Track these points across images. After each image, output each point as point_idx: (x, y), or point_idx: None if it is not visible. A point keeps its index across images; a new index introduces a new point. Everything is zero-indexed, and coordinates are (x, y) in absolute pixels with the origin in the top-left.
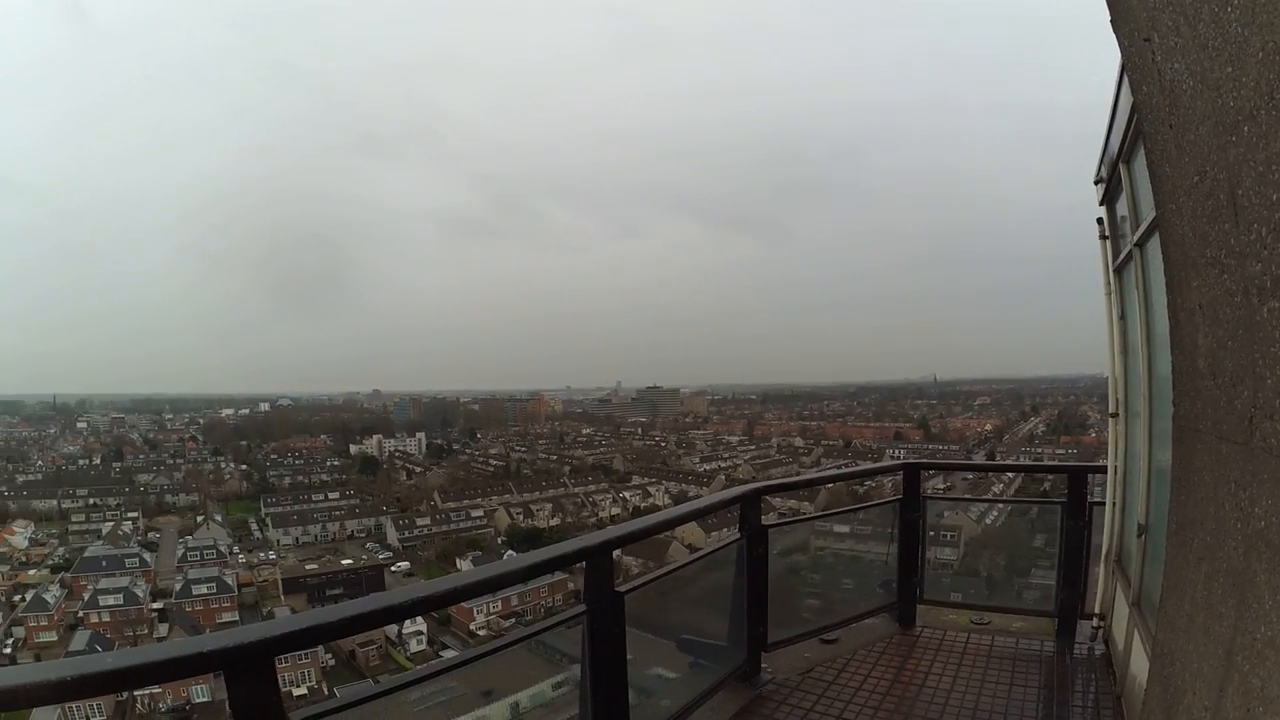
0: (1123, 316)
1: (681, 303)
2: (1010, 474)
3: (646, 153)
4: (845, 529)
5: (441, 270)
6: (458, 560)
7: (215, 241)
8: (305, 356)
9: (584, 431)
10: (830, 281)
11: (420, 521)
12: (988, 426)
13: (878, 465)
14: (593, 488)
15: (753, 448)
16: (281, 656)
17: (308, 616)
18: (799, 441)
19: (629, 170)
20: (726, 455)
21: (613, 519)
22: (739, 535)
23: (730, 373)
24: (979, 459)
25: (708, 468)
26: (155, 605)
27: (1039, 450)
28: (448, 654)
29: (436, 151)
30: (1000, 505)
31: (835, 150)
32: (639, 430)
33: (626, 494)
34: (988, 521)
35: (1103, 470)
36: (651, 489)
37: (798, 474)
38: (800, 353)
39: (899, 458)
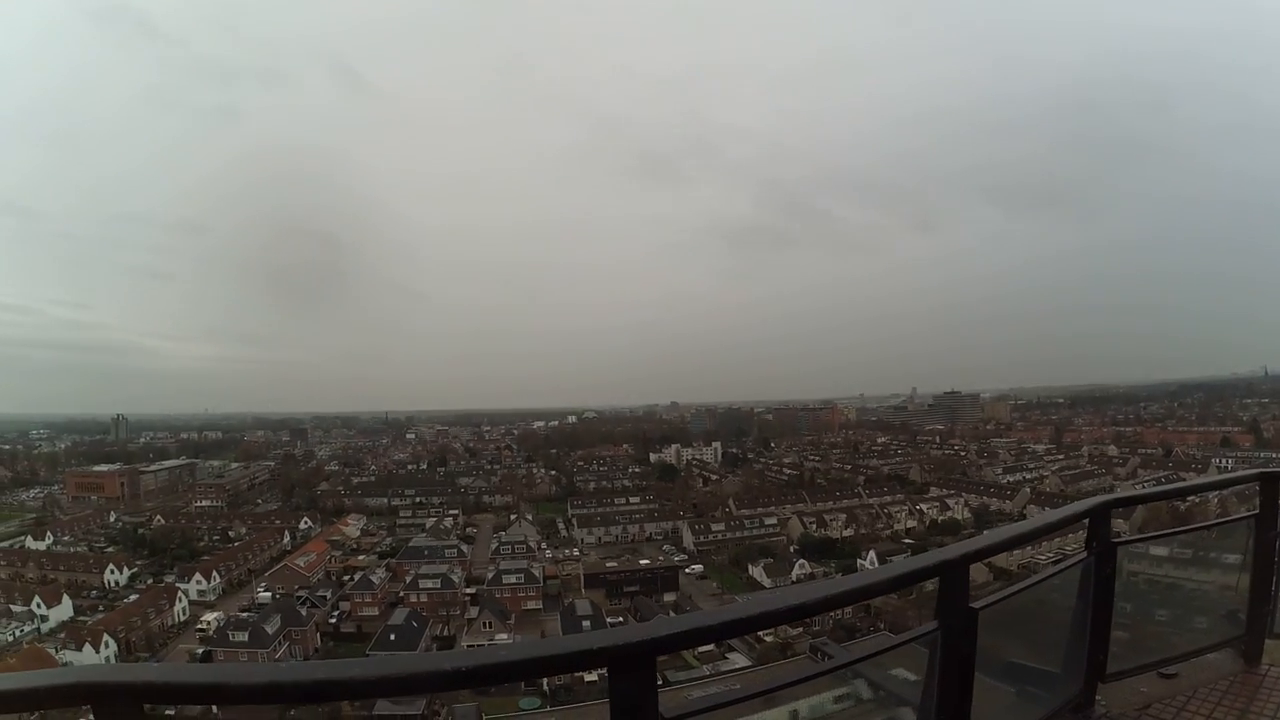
0: None
1: (981, 299)
2: None
3: (936, 138)
4: (1163, 551)
5: (733, 282)
6: (749, 566)
7: (524, 273)
8: (606, 373)
9: (879, 440)
10: (1144, 264)
11: (715, 527)
12: None
13: (1231, 475)
14: (888, 499)
15: (1061, 457)
16: None
17: (688, 619)
18: (1113, 450)
19: (920, 158)
20: (1032, 466)
21: (908, 532)
22: (1085, 553)
23: (1035, 374)
24: None
25: (1011, 479)
26: (468, 590)
27: None
28: (734, 656)
29: (717, 164)
30: None
31: (1144, 116)
32: (936, 439)
33: (923, 506)
34: None
35: None
36: (950, 501)
37: (1112, 487)
38: (1112, 348)
39: (1227, 467)
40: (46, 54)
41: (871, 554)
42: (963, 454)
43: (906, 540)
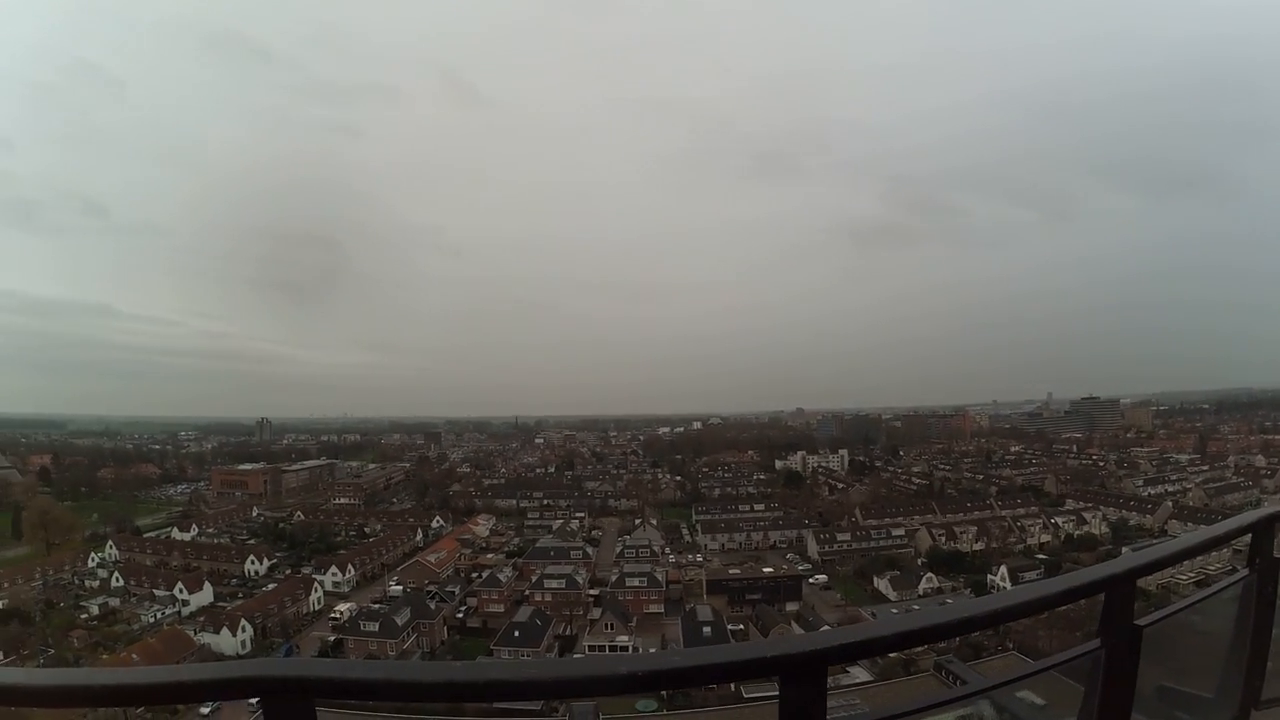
0: None
1: (1119, 293)
2: None
3: (1063, 118)
4: None
5: (858, 283)
6: (875, 579)
7: (644, 279)
8: (731, 379)
9: (1012, 449)
10: None
11: (840, 536)
12: None
13: None
14: (1021, 511)
15: (1205, 468)
16: None
17: (860, 629)
18: (1260, 460)
19: (1048, 141)
20: (1174, 477)
21: (1042, 547)
22: (1245, 570)
23: (1179, 378)
24: None
25: (1152, 491)
26: (592, 591)
27: None
28: (855, 670)
29: (836, 161)
30: None
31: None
32: (1073, 447)
33: (1059, 520)
34: None
35: None
36: (1087, 515)
37: (1259, 501)
38: (1261, 349)
39: None
40: (171, 83)
41: (1002, 569)
42: (1101, 464)
43: (1040, 555)
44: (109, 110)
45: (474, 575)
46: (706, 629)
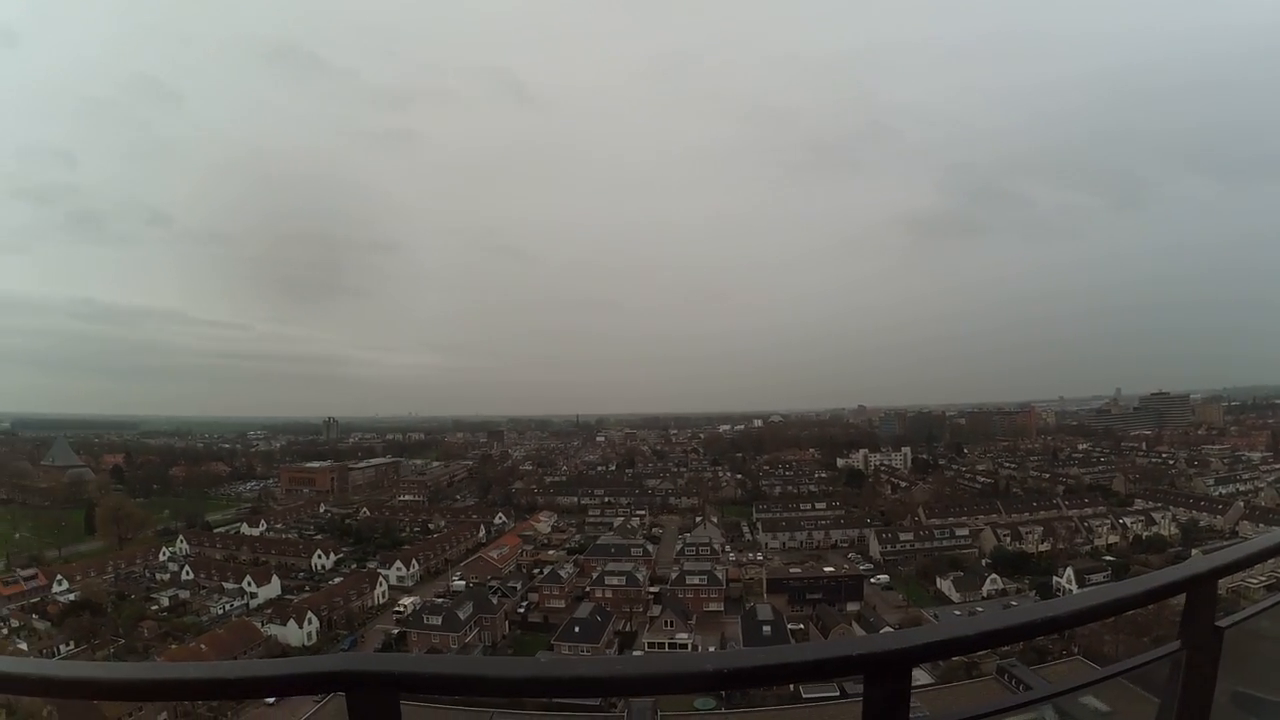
0: None
1: (1193, 283)
2: None
3: (1135, 98)
4: None
5: (919, 276)
6: (938, 579)
7: (702, 278)
8: (791, 377)
9: (1079, 447)
10: None
11: (903, 536)
12: None
13: None
14: (1088, 511)
15: (1278, 466)
16: None
17: (945, 628)
18: None
19: (1118, 123)
20: (1247, 476)
21: (1109, 549)
22: None
23: (1253, 372)
24: None
25: (1223, 491)
26: (652, 589)
27: None
28: (916, 673)
29: (895, 150)
30: None
31: None
32: (1142, 445)
33: (1127, 520)
34: None
35: None
36: (1156, 515)
37: None
38: None
39: None
40: (228, 94)
41: (1069, 571)
42: (1170, 462)
43: (1107, 557)
44: (170, 122)
45: (535, 571)
46: (766, 628)
